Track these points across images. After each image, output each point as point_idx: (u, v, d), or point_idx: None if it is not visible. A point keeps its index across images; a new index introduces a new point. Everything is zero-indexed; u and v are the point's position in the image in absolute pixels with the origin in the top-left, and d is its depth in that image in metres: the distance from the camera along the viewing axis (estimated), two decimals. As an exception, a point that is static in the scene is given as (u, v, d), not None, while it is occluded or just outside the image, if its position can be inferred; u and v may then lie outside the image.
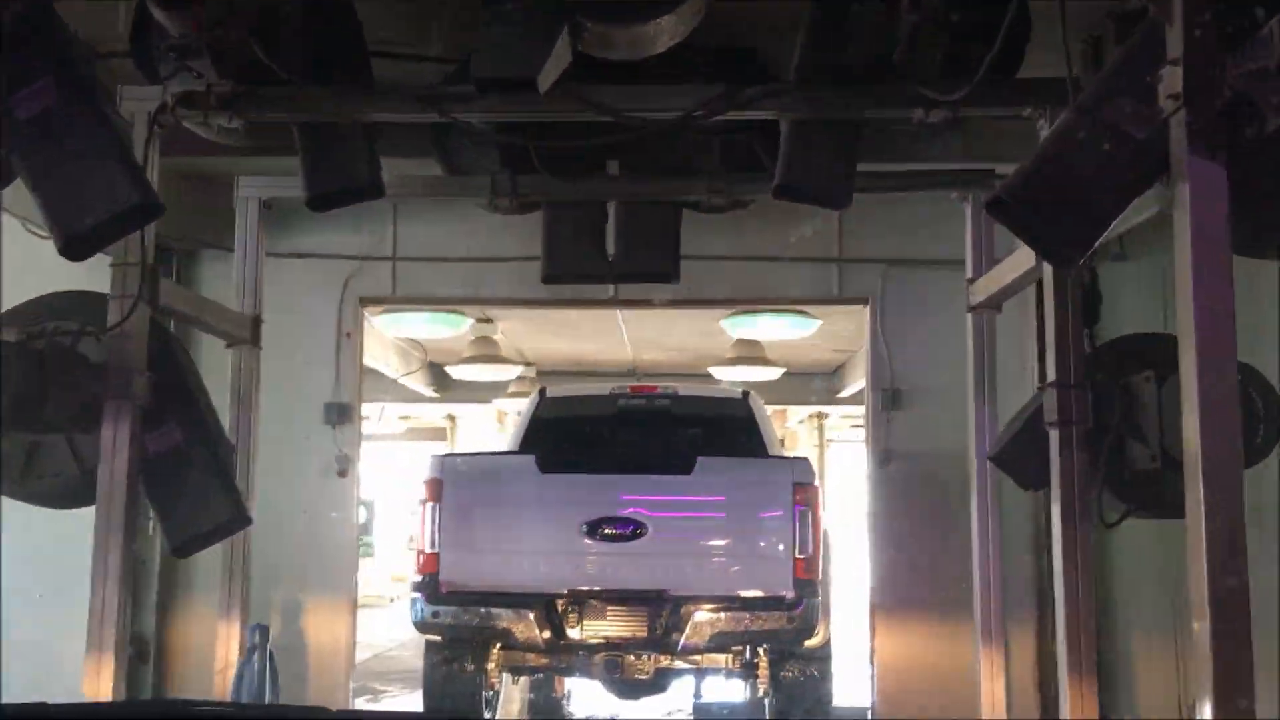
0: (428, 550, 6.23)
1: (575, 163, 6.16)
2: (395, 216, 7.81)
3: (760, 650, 6.19)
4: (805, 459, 7.01)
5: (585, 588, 6.06)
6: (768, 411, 8.43)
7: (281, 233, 7.72)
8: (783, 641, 6.15)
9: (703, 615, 5.97)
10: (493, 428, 23.33)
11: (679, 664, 6.24)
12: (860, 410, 21.79)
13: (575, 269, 6.40)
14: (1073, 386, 4.74)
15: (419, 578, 6.25)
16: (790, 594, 6.03)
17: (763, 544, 6.27)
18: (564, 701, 8.49)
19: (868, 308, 7.85)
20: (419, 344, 13.98)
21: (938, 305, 7.75)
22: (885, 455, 7.66)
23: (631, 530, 6.11)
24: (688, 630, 5.96)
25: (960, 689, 6.74)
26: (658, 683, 6.36)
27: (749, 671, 6.28)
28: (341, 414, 7.69)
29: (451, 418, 23.77)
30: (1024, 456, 5.10)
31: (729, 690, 7.22)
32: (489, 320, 12.90)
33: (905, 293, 7.79)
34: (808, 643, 6.28)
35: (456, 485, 6.33)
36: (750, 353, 12.66)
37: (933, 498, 7.60)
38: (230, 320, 6.12)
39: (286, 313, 7.77)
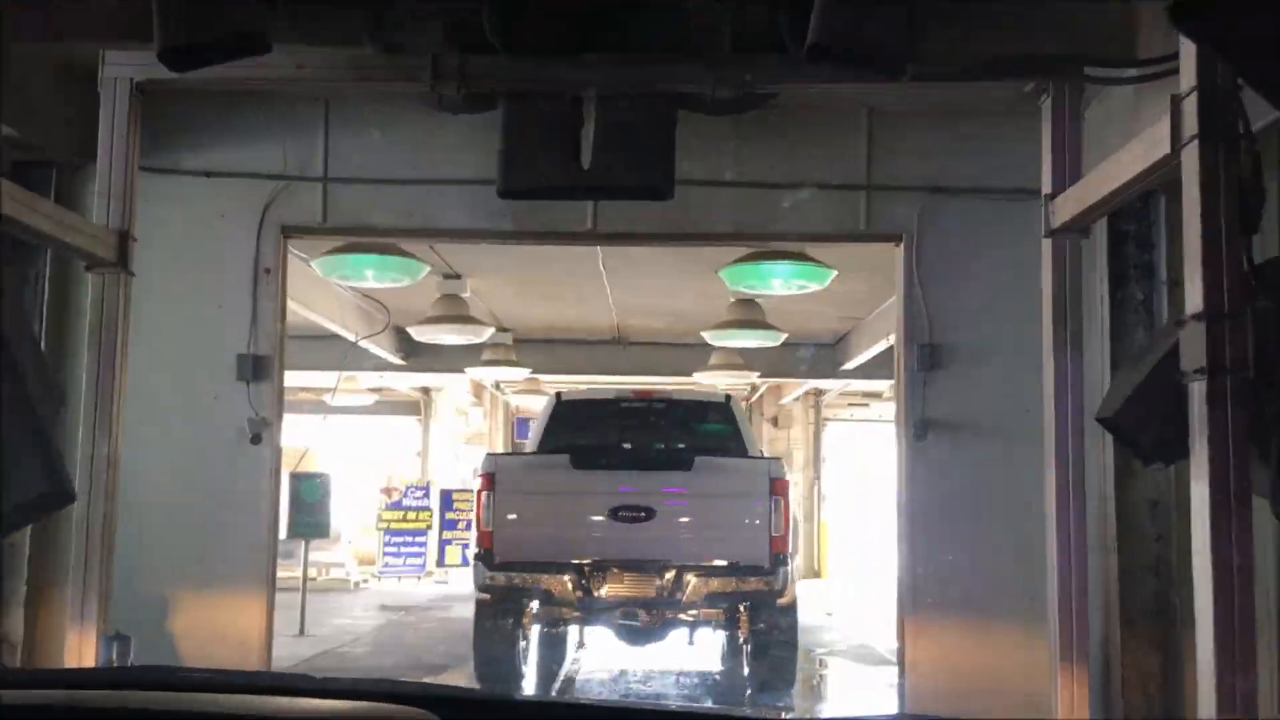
0: (484, 528, 8.01)
1: (542, 39, 4.76)
2: (326, 128, 6.39)
3: (741, 607, 7.87)
4: (779, 459, 9.20)
5: (608, 558, 7.74)
6: (744, 410, 9.57)
7: (186, 145, 6.31)
8: (760, 600, 7.85)
9: (698, 579, 7.70)
10: (467, 401, 21.92)
11: (680, 617, 7.91)
12: (865, 385, 20.63)
13: (541, 179, 5.02)
14: (1227, 318, 3.36)
15: (479, 550, 8.03)
16: (767, 564, 7.86)
17: (745, 524, 7.96)
18: (580, 650, 10.69)
19: (901, 246, 6.47)
20: (383, 306, 12.55)
21: (988, 243, 6.39)
22: (921, 426, 6.29)
23: (644, 514, 7.81)
24: (687, 591, 7.69)
25: (1018, 712, 5.41)
26: (660, 632, 8.14)
27: (733, 624, 8.00)
28: (258, 369, 6.28)
29: (426, 390, 22.36)
30: (1146, 418, 3.73)
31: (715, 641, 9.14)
32: (456, 276, 11.50)
33: (948, 228, 6.40)
34: (778, 599, 8.02)
35: (506, 478, 8.01)
36: (749, 315, 11.28)
37: (980, 478, 6.24)
38: (88, 236, 4.70)
39: (192, 244, 6.38)
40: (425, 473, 22.31)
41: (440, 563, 20.20)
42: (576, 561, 7.74)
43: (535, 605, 7.84)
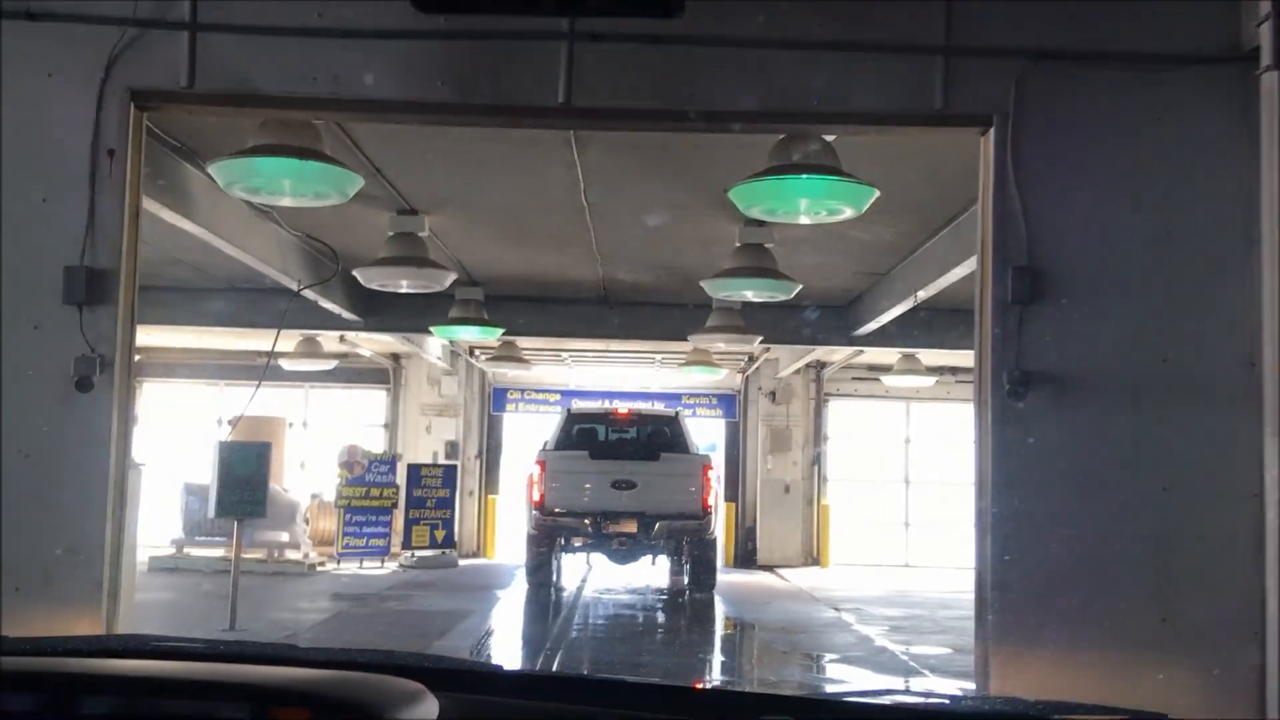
0: (540, 490, 13.58)
1: None
2: (196, -46, 4.59)
3: (683, 539, 13.77)
4: (708, 455, 14.93)
5: (608, 510, 13.30)
6: (688, 422, 15.85)
7: (-4, -27, 4.51)
8: (694, 535, 13.59)
9: (660, 523, 13.23)
10: (440, 370, 20.15)
11: (649, 544, 13.87)
12: (875, 356, 18.89)
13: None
14: None
15: (535, 504, 13.71)
16: (700, 514, 13.44)
17: (687, 491, 13.49)
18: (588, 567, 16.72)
19: (988, 134, 4.71)
20: (330, 249, 10.72)
21: (1111, 129, 4.64)
22: (1018, 381, 4.53)
23: (630, 485, 13.39)
24: (655, 530, 13.28)
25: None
26: (636, 556, 14.20)
27: (678, 550, 14.03)
28: (95, 288, 4.50)
29: (395, 358, 20.57)
30: None
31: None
32: (412, 212, 9.72)
33: (1055, 108, 4.65)
34: (712, 535, 14.05)
35: (551, 462, 13.74)
36: (757, 262, 9.51)
37: (1099, 451, 4.52)
38: None
39: (6, 113, 4.59)
40: (395, 446, 20.55)
41: (406, 545, 18.47)
42: (591, 511, 13.63)
43: (563, 539, 14.11)
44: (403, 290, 10.14)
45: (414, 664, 1.78)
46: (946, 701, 2.20)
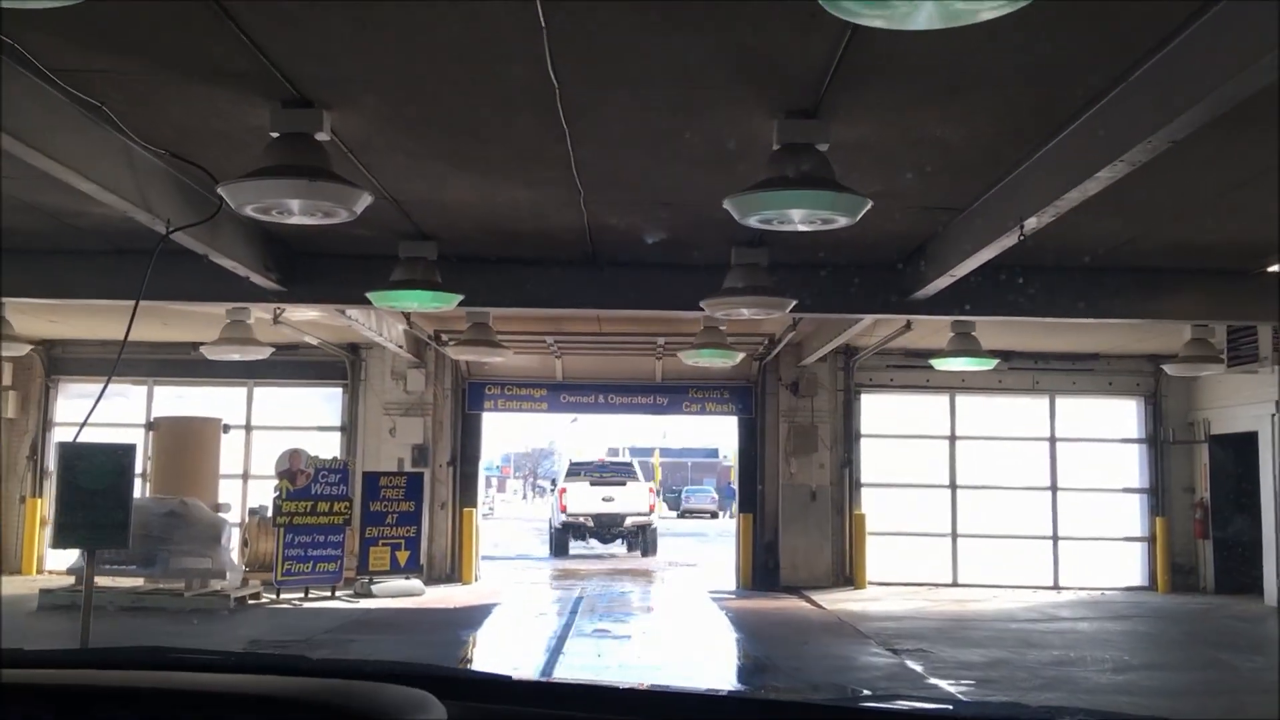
0: (563, 502, 25.27)
1: None
2: None
3: (637, 529, 25.25)
4: (650, 482, 29.33)
5: (600, 513, 24.85)
6: (638, 465, 29.17)
7: None
8: (644, 525, 25.23)
9: (629, 519, 24.99)
10: (405, 363, 17.08)
11: (619, 531, 25.24)
12: (916, 341, 15.82)
13: None
14: None
15: (561, 511, 25.31)
16: (648, 514, 25.50)
17: (640, 501, 25.50)
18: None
19: None
20: (208, 175, 7.62)
21: None
22: None
23: (612, 499, 25.08)
24: (625, 524, 25.01)
25: None
26: (613, 538, 25.46)
27: (634, 535, 25.20)
28: None
29: (354, 349, 17.54)
30: None
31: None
32: (305, 104, 6.65)
33: None
34: (653, 524, 25.78)
35: (569, 485, 25.74)
36: (805, 168, 6.46)
37: None
38: None
39: None
40: (354, 451, 17.51)
41: (363, 569, 15.43)
42: (590, 514, 24.87)
43: (575, 528, 25.06)
44: (294, 220, 7.06)
45: (421, 673, 1.77)
46: (949, 707, 2.22)
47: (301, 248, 10.60)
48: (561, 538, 25.37)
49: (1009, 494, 18.06)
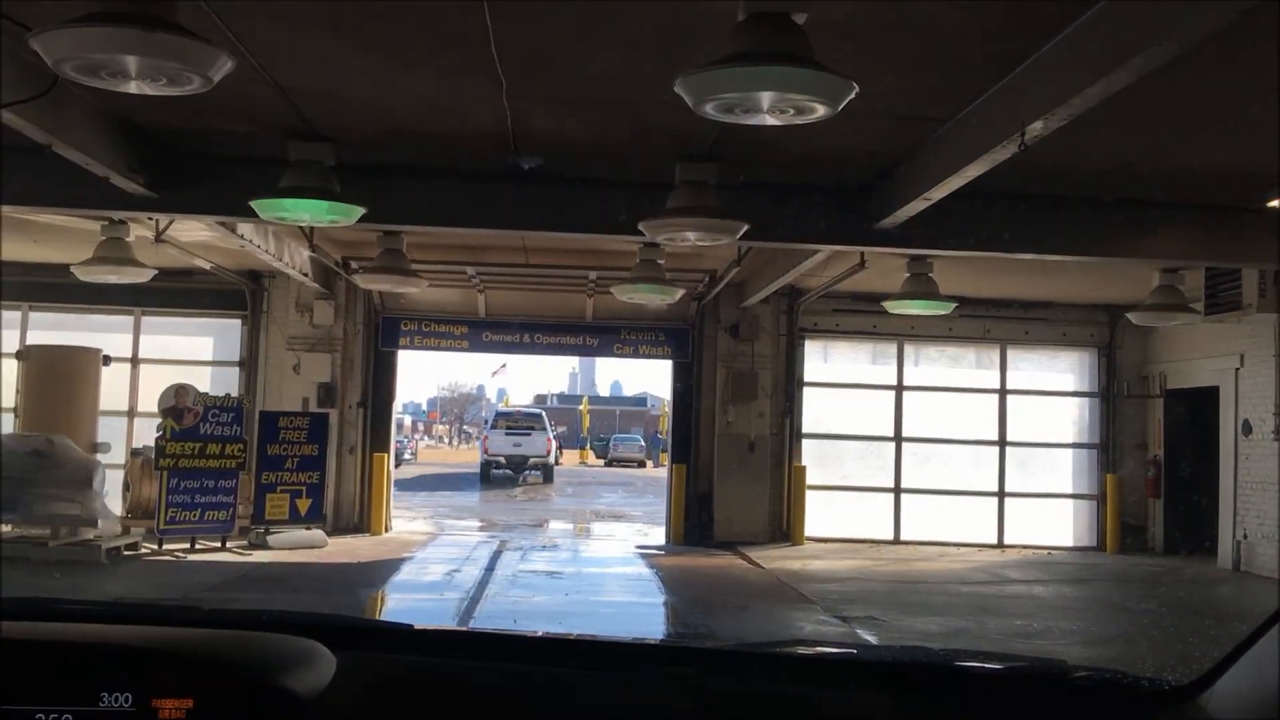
0: (485, 446, 36.59)
1: None
2: None
3: (540, 465, 35.37)
4: (551, 432, 37.76)
5: (511, 454, 35.04)
6: (545, 416, 39.33)
7: None
8: (544, 464, 35.56)
9: (534, 460, 35.09)
10: (312, 293, 15.56)
11: (529, 464, 35.00)
12: (866, 284, 14.59)
13: None
14: None
15: (485, 452, 36.35)
16: (548, 454, 36.01)
17: (543, 445, 35.60)
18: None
19: None
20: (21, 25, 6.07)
21: None
22: None
23: (521, 444, 35.14)
24: (529, 461, 34.98)
25: None
26: (522, 473, 34.59)
27: (539, 470, 35.03)
28: None
29: (255, 276, 15.95)
30: None
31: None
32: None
33: None
34: (550, 463, 36.32)
35: (491, 431, 36.80)
36: (776, 45, 5.18)
37: None
38: None
39: None
40: (254, 389, 15.99)
41: (259, 518, 14.03)
42: (506, 455, 35.05)
43: (494, 464, 35.10)
44: (134, 88, 5.61)
45: (315, 622, 1.70)
46: (854, 651, 2.26)
47: (175, 146, 9.06)
48: (485, 470, 35.50)
49: (956, 448, 17.16)
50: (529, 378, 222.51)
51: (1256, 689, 1.26)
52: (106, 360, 14.79)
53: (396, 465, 33.37)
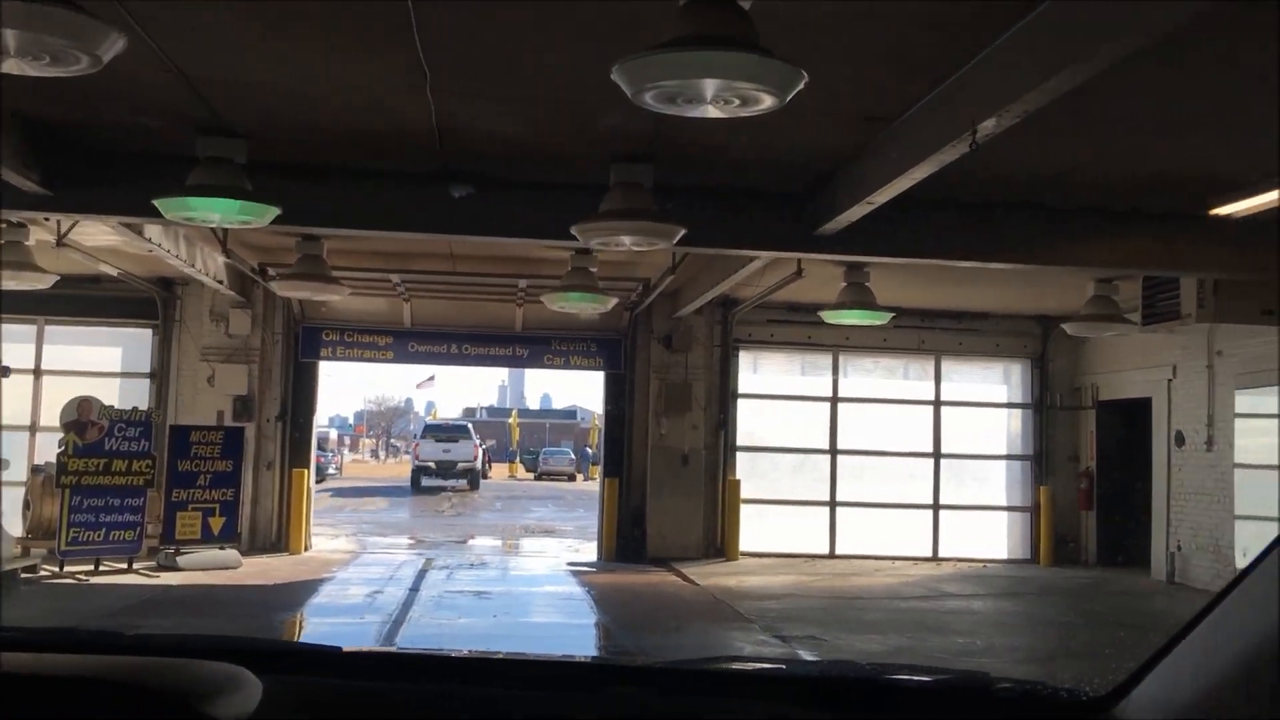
0: (417, 453, 39.24)
1: None
2: None
3: (469, 472, 37.88)
4: (476, 441, 40.07)
5: (440, 460, 37.65)
6: (470, 426, 42.59)
7: None
8: (471, 470, 38.09)
9: (461, 465, 37.69)
10: (228, 301, 14.89)
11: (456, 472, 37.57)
12: (803, 294, 14.23)
13: None
14: None
15: (416, 458, 38.93)
16: (476, 461, 39.00)
17: (469, 451, 38.35)
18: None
19: None
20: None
21: None
22: None
23: (450, 450, 37.88)
24: (457, 467, 37.66)
25: None
26: (450, 477, 37.54)
27: (467, 476, 37.64)
28: None
29: (167, 284, 15.23)
30: None
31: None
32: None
33: None
34: (478, 469, 39.40)
35: (422, 440, 39.35)
36: (720, 29, 4.83)
37: None
38: None
39: None
40: (165, 402, 15.25)
41: (169, 538, 13.32)
42: (437, 461, 37.60)
43: (425, 470, 37.40)
44: (14, 67, 5.08)
45: (240, 647, 1.65)
46: (783, 667, 2.35)
47: (74, 141, 8.45)
48: (416, 476, 37.94)
49: (890, 460, 16.97)
50: (458, 390, 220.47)
51: (1170, 698, 1.27)
52: (6, 371, 13.99)
53: (320, 481, 32.42)
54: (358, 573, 14.44)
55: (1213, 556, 13.60)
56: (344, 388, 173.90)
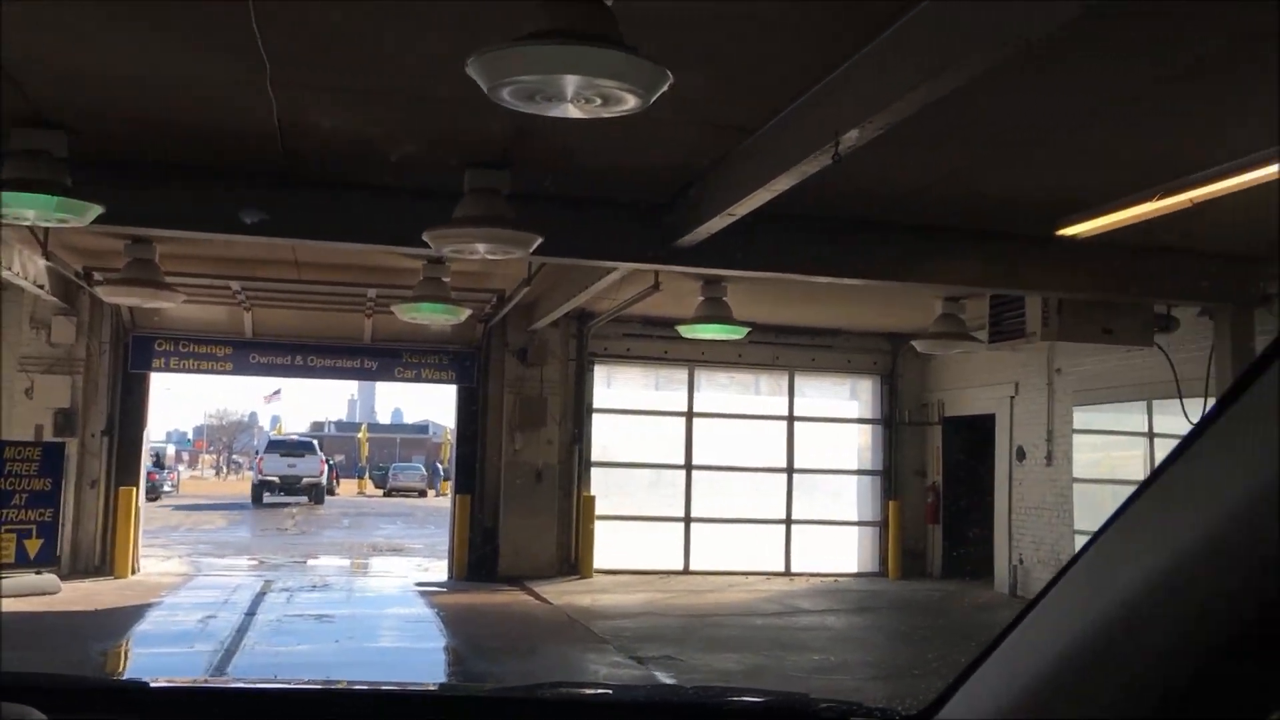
0: (260, 467, 37.63)
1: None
2: None
3: (313, 487, 37.32)
4: (321, 457, 38.98)
5: (285, 475, 37.05)
6: (315, 443, 41.03)
7: None
8: (315, 486, 37.38)
9: (305, 480, 36.94)
10: (51, 308, 13.88)
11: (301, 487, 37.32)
12: (660, 308, 14.14)
13: None
14: None
15: (259, 473, 37.31)
16: (322, 477, 38.17)
17: (316, 466, 37.50)
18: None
19: None
20: None
21: None
22: None
23: (295, 464, 37.02)
24: (302, 482, 36.95)
25: None
26: (298, 490, 37.13)
27: (311, 491, 37.18)
28: None
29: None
30: None
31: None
32: None
33: None
34: (323, 484, 38.47)
35: (266, 455, 38.42)
36: (585, 24, 4.60)
37: None
38: None
39: None
40: (-22, 417, 14.09)
41: (-23, 562, 12.28)
42: (278, 474, 36.34)
43: (269, 486, 36.22)
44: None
45: (33, 684, 1.52)
46: (609, 692, 2.29)
47: None
48: (258, 491, 36.28)
49: (744, 475, 17.01)
50: (306, 404, 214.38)
51: (979, 711, 1.24)
52: None
53: (154, 499, 30.80)
54: (189, 597, 13.61)
55: (1053, 569, 13.97)
56: (183, 401, 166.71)
